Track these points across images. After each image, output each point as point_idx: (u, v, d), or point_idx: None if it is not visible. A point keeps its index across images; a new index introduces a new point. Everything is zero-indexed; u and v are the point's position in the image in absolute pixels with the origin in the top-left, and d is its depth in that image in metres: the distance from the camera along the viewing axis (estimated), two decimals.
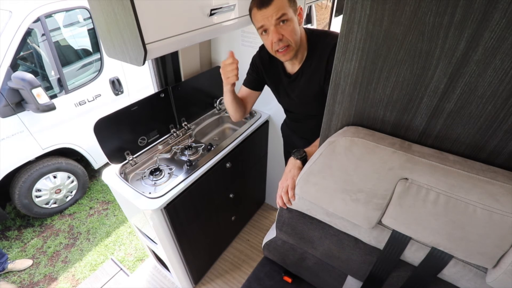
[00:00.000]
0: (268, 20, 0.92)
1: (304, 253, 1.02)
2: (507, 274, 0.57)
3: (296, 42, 0.97)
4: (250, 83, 1.24)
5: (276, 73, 1.16)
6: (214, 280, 1.81)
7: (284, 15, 0.91)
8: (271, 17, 0.91)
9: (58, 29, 2.32)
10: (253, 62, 1.22)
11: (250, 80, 1.24)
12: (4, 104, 1.97)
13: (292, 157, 0.94)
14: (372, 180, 0.66)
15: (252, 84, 1.23)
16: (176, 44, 0.99)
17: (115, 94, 2.65)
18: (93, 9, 0.91)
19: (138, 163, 1.41)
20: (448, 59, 0.53)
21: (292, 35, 0.95)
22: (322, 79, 1.03)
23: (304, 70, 1.06)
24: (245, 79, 1.26)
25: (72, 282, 2.02)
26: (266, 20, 0.92)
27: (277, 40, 0.94)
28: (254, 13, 0.94)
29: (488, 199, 0.55)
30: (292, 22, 0.94)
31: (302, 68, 1.06)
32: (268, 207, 2.31)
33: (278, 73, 1.15)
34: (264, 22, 0.92)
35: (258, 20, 0.94)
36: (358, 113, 0.71)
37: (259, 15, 0.92)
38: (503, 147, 0.57)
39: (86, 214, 2.56)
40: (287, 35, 0.94)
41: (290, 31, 0.94)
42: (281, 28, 0.93)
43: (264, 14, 0.91)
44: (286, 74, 1.13)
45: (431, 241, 0.65)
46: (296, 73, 1.09)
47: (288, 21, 0.93)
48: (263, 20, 0.92)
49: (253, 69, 1.22)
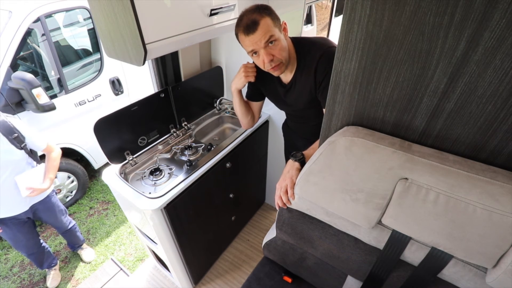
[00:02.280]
0: (257, 45, 0.93)
1: (304, 253, 1.02)
2: (507, 274, 0.57)
3: (286, 58, 0.99)
4: (251, 97, 1.31)
5: (272, 85, 1.19)
6: (214, 280, 1.81)
7: (272, 37, 0.92)
8: (259, 41, 0.92)
9: (58, 29, 2.32)
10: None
11: (251, 94, 1.31)
12: (4, 104, 1.97)
13: (290, 159, 0.96)
14: (372, 180, 0.66)
15: (254, 97, 1.31)
16: (176, 44, 0.99)
17: (115, 94, 2.65)
18: (93, 9, 0.91)
19: (138, 163, 1.41)
20: (448, 59, 0.53)
21: (282, 53, 0.97)
22: (313, 89, 1.05)
23: (296, 79, 1.08)
24: (247, 93, 1.32)
25: (72, 282, 2.02)
26: (255, 44, 0.93)
27: (268, 60, 0.95)
28: (242, 39, 0.96)
29: (488, 199, 0.55)
30: (280, 40, 0.95)
31: (294, 77, 1.09)
32: (268, 207, 2.31)
33: (274, 85, 1.18)
34: (254, 46, 0.94)
35: (247, 45, 0.95)
36: (358, 113, 0.71)
37: (247, 40, 0.94)
38: (503, 147, 0.58)
39: (86, 214, 2.56)
40: (277, 55, 0.96)
41: (279, 49, 0.96)
42: (270, 49, 0.95)
43: (253, 40, 0.92)
44: (282, 84, 1.16)
45: (431, 241, 0.65)
46: (290, 82, 1.11)
47: (276, 41, 0.94)
48: (252, 45, 0.94)
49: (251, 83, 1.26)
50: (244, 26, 0.92)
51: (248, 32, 0.91)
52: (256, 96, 1.30)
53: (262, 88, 1.25)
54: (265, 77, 1.18)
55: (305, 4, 1.44)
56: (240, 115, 1.31)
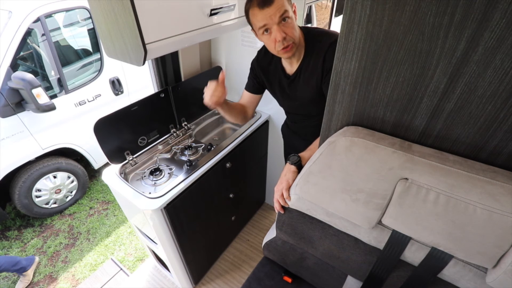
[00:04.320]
0: (271, 19, 0.90)
1: (304, 253, 1.02)
2: (507, 274, 0.57)
3: (297, 39, 0.97)
4: (251, 88, 1.26)
5: (276, 76, 1.16)
6: (214, 280, 1.81)
7: (286, 12, 0.90)
8: (274, 15, 0.89)
9: (58, 29, 2.32)
10: (252, 67, 1.24)
11: (250, 85, 1.26)
12: (4, 104, 1.97)
13: (288, 162, 0.95)
14: (372, 180, 0.66)
15: (253, 88, 1.26)
16: (176, 44, 0.99)
17: (115, 94, 2.65)
18: (93, 9, 0.91)
19: (138, 163, 1.41)
20: (448, 59, 0.53)
21: (294, 32, 0.95)
22: (319, 78, 1.03)
23: (302, 69, 1.06)
24: (247, 84, 1.28)
25: (72, 282, 2.02)
26: (269, 19, 0.90)
27: (281, 38, 0.92)
28: (254, 13, 0.92)
29: (488, 199, 0.55)
30: (293, 19, 0.94)
31: (300, 67, 1.06)
32: (268, 207, 2.31)
33: (277, 76, 1.16)
34: (267, 21, 0.91)
35: (260, 20, 0.92)
36: (358, 113, 0.71)
37: (261, 14, 0.90)
38: (503, 147, 0.57)
39: (86, 214, 2.56)
40: (289, 33, 0.93)
41: (291, 28, 0.94)
42: (283, 26, 0.92)
43: (267, 13, 0.89)
44: (286, 75, 1.13)
45: (431, 241, 0.65)
46: (294, 73, 1.08)
47: (289, 19, 0.92)
48: (265, 19, 0.90)
49: (253, 74, 1.24)
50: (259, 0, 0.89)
51: (264, 4, 0.88)
52: (255, 89, 1.25)
53: (265, 80, 1.21)
54: (269, 69, 1.16)
55: (305, 4, 1.44)
56: (233, 120, 1.25)
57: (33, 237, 2.37)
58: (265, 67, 1.17)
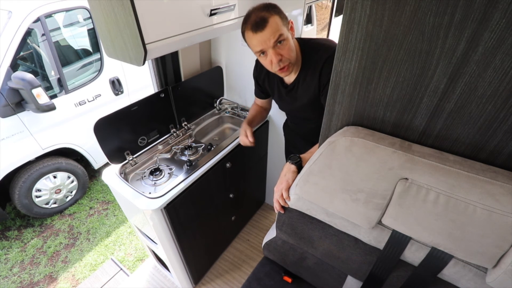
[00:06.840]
0: (266, 44, 0.90)
1: (304, 253, 1.02)
2: (507, 274, 0.57)
3: (294, 59, 0.97)
4: (259, 94, 1.36)
5: (274, 84, 1.19)
6: (214, 280, 1.81)
7: (281, 36, 0.89)
8: (268, 40, 0.89)
9: (58, 29, 2.32)
10: (254, 77, 1.29)
11: (257, 92, 1.35)
12: (4, 104, 1.97)
13: (288, 162, 0.95)
14: (372, 180, 0.66)
15: (260, 94, 1.35)
16: (176, 44, 0.99)
17: (115, 94, 2.65)
18: (93, 9, 0.91)
19: (138, 163, 1.41)
20: (448, 59, 0.53)
21: (290, 53, 0.94)
22: (317, 90, 1.04)
23: (300, 80, 1.07)
24: (255, 90, 1.35)
25: (72, 282, 2.02)
26: (264, 43, 0.90)
27: (277, 61, 0.92)
28: (249, 36, 0.92)
29: (488, 199, 0.55)
30: (288, 40, 0.93)
31: (297, 78, 1.07)
32: (268, 207, 2.31)
33: (276, 85, 1.18)
34: (263, 46, 0.90)
35: (256, 44, 0.92)
36: (358, 113, 0.71)
37: (255, 39, 0.90)
38: (503, 147, 0.57)
39: (86, 214, 2.56)
40: (285, 55, 0.93)
41: (287, 49, 0.93)
42: (279, 48, 0.92)
43: (261, 38, 0.89)
44: (284, 85, 1.15)
45: (431, 241, 0.65)
46: (292, 84, 1.10)
47: (285, 40, 0.91)
48: (260, 44, 0.90)
49: (256, 82, 1.29)
50: (252, 23, 0.88)
51: (257, 29, 0.88)
52: (263, 94, 1.34)
53: (267, 87, 1.25)
54: (269, 76, 1.18)
55: (305, 4, 1.44)
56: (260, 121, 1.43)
57: (33, 237, 2.37)
58: (263, 77, 1.20)
